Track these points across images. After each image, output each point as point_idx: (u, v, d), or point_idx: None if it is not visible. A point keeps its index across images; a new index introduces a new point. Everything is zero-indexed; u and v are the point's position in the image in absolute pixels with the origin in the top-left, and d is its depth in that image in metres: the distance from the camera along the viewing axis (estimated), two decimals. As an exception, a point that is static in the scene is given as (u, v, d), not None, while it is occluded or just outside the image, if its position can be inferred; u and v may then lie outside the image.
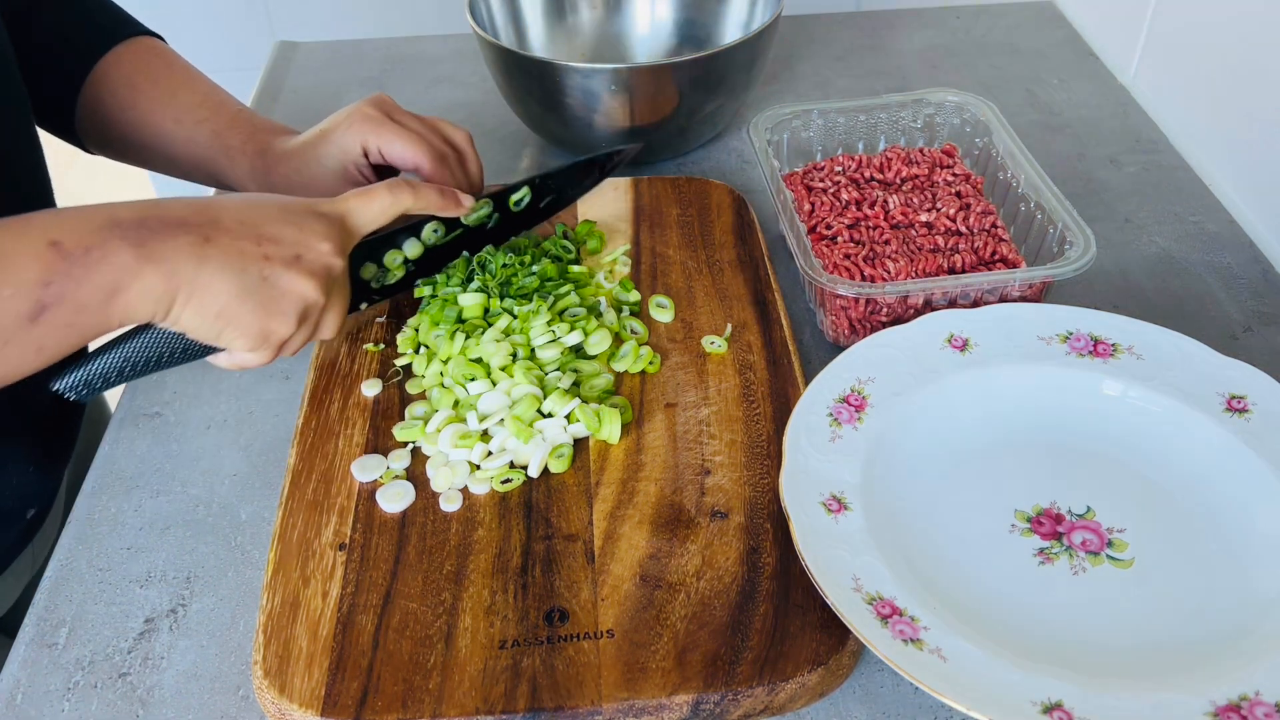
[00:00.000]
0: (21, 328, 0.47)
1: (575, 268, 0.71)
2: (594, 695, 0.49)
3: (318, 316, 0.57)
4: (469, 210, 0.64)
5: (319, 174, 0.67)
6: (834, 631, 0.51)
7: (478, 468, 0.60)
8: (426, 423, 0.62)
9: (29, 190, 0.66)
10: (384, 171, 0.69)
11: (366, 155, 0.66)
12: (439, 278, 0.69)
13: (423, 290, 0.69)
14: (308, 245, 0.55)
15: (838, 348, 0.69)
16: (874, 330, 0.66)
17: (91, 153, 0.75)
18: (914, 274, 0.68)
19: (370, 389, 0.65)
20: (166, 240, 0.51)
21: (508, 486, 0.59)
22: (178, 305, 0.51)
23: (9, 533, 0.68)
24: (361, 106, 0.67)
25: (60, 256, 0.48)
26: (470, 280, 0.68)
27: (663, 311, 0.69)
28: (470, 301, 0.66)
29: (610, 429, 0.60)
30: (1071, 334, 0.64)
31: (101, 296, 0.49)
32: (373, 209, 0.59)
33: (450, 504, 0.58)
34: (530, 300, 0.66)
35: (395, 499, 0.58)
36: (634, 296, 0.70)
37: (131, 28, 0.73)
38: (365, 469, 0.60)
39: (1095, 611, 0.52)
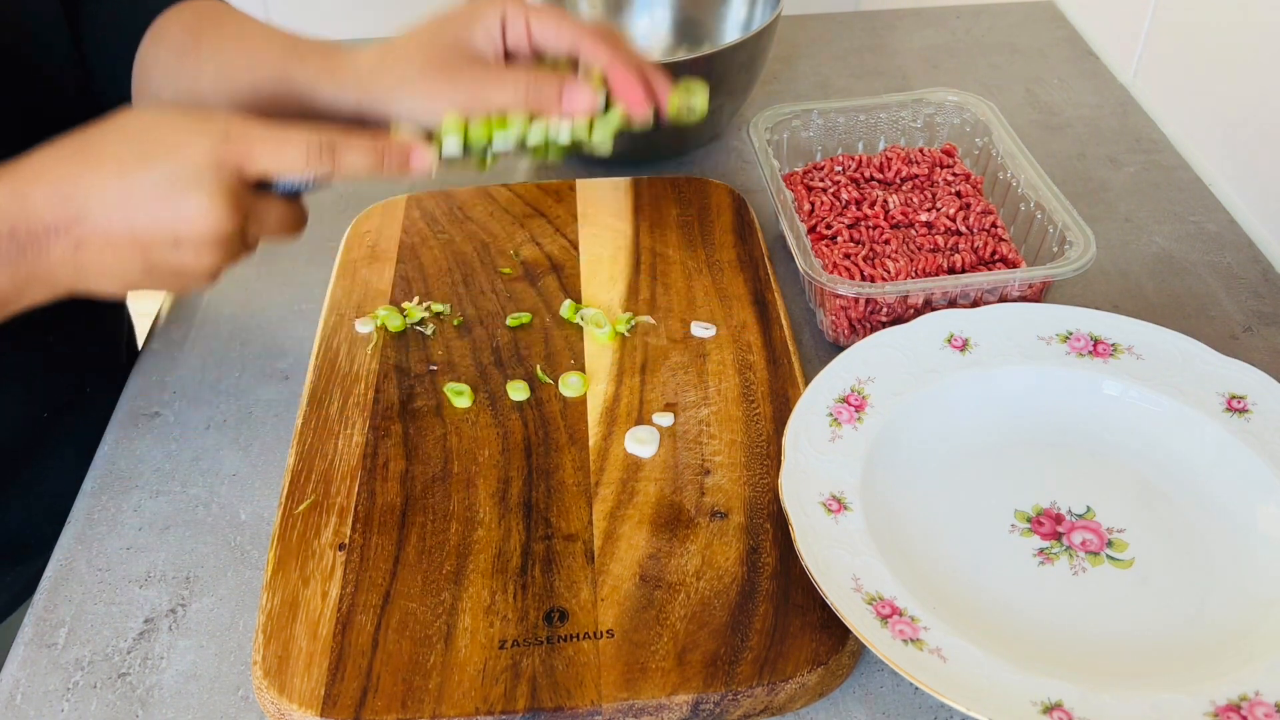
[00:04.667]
0: None
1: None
2: (594, 695, 0.49)
3: (240, 248, 0.51)
4: (424, 169, 0.53)
5: (429, 43, 0.57)
6: (834, 631, 0.51)
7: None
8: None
9: None
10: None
11: (504, 34, 0.56)
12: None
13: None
14: (182, 228, 0.49)
15: (838, 348, 0.69)
16: (874, 330, 0.66)
17: None
18: (914, 274, 0.68)
19: (364, 326, 0.68)
20: (39, 256, 0.49)
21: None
22: (79, 291, 0.50)
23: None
24: None
25: None
26: None
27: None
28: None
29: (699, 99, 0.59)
30: (1071, 334, 0.64)
31: None
32: (279, 159, 0.50)
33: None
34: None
35: None
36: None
37: None
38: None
39: (1095, 611, 0.52)
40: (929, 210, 0.73)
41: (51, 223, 0.48)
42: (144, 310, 0.73)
